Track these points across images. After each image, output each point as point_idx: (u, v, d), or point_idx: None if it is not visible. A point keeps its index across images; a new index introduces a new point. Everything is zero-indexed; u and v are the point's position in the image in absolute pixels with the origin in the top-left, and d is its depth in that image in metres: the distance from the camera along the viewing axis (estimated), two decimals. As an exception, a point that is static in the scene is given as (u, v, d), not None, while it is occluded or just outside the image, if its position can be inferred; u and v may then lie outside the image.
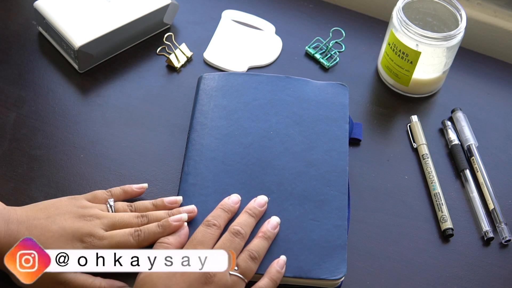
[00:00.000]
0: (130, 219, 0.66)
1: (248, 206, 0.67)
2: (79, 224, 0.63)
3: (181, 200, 0.68)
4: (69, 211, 0.64)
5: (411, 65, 0.80)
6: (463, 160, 0.78)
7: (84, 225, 0.63)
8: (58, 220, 0.63)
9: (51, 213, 0.64)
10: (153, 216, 0.66)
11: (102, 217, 0.65)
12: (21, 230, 0.62)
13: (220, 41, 0.87)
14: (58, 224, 0.63)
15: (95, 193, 0.68)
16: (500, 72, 0.89)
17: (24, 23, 0.86)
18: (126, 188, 0.69)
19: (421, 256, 0.70)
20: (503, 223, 0.72)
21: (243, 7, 0.91)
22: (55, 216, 0.64)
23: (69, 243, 0.62)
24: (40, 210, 0.64)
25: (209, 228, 0.64)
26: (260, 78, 0.78)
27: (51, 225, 0.63)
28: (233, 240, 0.63)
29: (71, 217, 0.64)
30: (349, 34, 0.90)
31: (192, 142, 0.72)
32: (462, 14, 0.80)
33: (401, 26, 0.79)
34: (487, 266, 0.70)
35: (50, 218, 0.63)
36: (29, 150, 0.74)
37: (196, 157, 0.71)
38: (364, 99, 0.84)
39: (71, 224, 0.63)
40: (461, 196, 0.76)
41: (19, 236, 0.61)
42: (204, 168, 0.70)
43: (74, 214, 0.64)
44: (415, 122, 0.81)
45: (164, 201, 0.68)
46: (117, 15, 0.82)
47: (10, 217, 0.63)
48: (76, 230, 0.63)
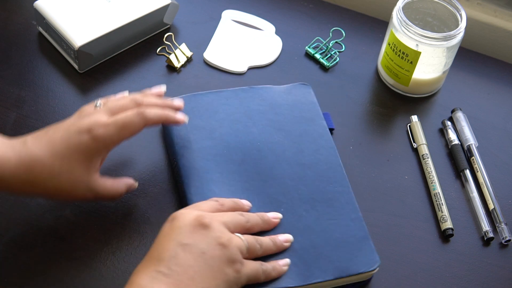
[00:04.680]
0: (127, 103, 0.66)
1: (260, 213, 0.67)
2: (81, 120, 0.64)
3: (165, 90, 0.71)
4: (70, 120, 0.66)
5: (411, 65, 0.80)
6: (463, 160, 0.78)
7: (85, 119, 0.64)
8: (62, 128, 0.64)
9: (52, 127, 0.65)
10: (147, 101, 0.67)
11: (100, 110, 0.65)
12: (31, 146, 0.62)
13: (220, 41, 0.87)
14: (61, 130, 0.63)
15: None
16: (500, 72, 0.89)
17: (24, 23, 0.86)
18: (145, 92, 0.70)
19: (421, 256, 0.70)
20: (503, 223, 0.72)
21: (243, 7, 0.91)
22: (57, 127, 0.64)
23: (76, 137, 0.62)
24: (40, 131, 0.65)
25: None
26: (226, 94, 0.78)
27: (56, 133, 0.63)
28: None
29: (73, 120, 0.65)
30: (349, 34, 0.90)
31: (184, 169, 0.70)
32: (462, 14, 0.80)
33: (401, 26, 0.79)
34: (487, 266, 0.70)
35: (51, 129, 0.64)
36: (29, 150, 0.74)
37: (196, 182, 0.69)
38: (364, 99, 0.84)
39: (73, 122, 0.64)
40: (461, 196, 0.76)
41: (33, 151, 0.61)
42: (209, 192, 0.68)
43: (75, 118, 0.65)
44: (415, 122, 0.81)
45: (150, 92, 0.70)
46: (117, 15, 0.82)
47: (14, 145, 0.63)
48: (80, 124, 0.63)
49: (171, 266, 0.57)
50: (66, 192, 0.63)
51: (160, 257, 0.57)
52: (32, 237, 0.68)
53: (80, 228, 0.69)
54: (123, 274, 0.66)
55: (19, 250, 0.67)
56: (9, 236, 0.68)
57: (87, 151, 0.63)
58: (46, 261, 0.66)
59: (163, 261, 0.57)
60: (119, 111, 0.65)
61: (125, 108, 0.66)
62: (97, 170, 0.65)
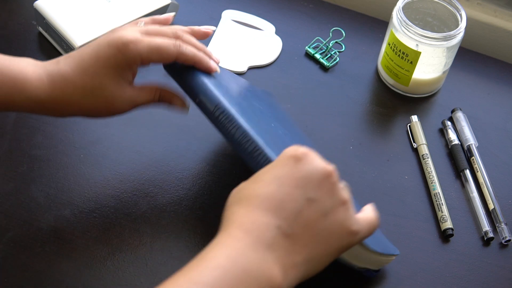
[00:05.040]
0: (167, 31, 0.64)
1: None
2: (113, 33, 0.62)
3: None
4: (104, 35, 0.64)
5: (411, 65, 0.80)
6: (463, 160, 0.78)
7: (118, 33, 0.61)
8: (93, 43, 0.62)
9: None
10: (187, 37, 0.65)
11: (138, 28, 0.63)
12: (62, 65, 0.61)
13: (220, 41, 0.87)
14: (92, 45, 0.62)
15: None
16: (500, 72, 0.89)
17: (24, 23, 0.86)
18: (193, 28, 0.67)
19: (421, 256, 0.70)
20: (503, 223, 0.72)
21: (243, 7, 0.91)
22: (90, 43, 0.63)
23: (105, 50, 0.61)
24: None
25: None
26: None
27: (87, 48, 0.62)
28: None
29: (107, 34, 0.63)
30: (349, 34, 0.90)
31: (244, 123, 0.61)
32: (462, 14, 0.80)
33: (401, 26, 0.78)
34: (487, 266, 0.70)
35: (85, 46, 0.63)
36: (29, 150, 0.74)
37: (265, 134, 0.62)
38: (364, 99, 0.84)
39: (106, 35, 0.62)
40: (461, 196, 0.76)
41: (64, 70, 0.61)
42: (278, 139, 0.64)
43: (109, 33, 0.63)
44: (415, 122, 0.81)
45: (198, 28, 0.67)
46: (117, 15, 0.82)
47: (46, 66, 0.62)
48: (111, 37, 0.61)
49: (294, 224, 0.48)
50: (103, 108, 0.63)
51: (281, 206, 0.48)
52: (32, 237, 0.68)
53: (80, 228, 0.69)
54: (123, 274, 0.66)
55: (18, 250, 0.67)
56: (8, 236, 0.68)
57: (115, 65, 0.61)
58: (46, 261, 0.66)
59: (285, 214, 0.48)
60: (157, 35, 0.63)
61: (163, 34, 0.63)
62: (130, 83, 0.63)
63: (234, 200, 0.51)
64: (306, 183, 0.49)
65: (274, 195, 0.49)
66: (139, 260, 0.67)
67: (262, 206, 0.48)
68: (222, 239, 0.48)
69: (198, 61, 0.64)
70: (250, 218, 0.48)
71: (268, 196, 0.49)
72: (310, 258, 0.49)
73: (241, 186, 0.52)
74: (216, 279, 0.45)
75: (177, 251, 0.68)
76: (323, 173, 0.50)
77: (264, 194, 0.49)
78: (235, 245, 0.47)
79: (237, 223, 0.48)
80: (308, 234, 0.49)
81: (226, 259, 0.46)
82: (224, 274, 0.45)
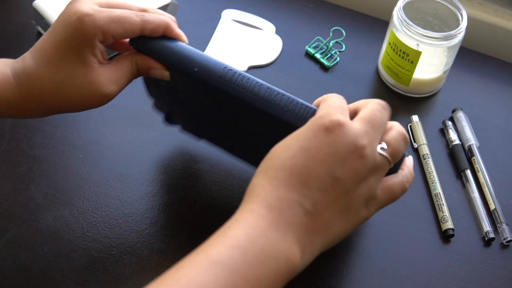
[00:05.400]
0: (130, 6, 0.59)
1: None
2: (66, 10, 0.57)
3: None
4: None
5: (411, 65, 0.80)
6: (464, 160, 0.77)
7: (71, 8, 0.56)
8: (51, 27, 0.57)
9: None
10: (153, 11, 0.59)
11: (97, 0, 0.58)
12: (27, 60, 0.57)
13: (220, 41, 0.87)
14: (50, 30, 0.57)
15: None
16: (501, 72, 0.89)
17: (23, 23, 0.86)
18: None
19: (421, 257, 0.70)
20: (504, 224, 0.72)
21: (243, 6, 0.91)
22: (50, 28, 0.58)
23: (62, 33, 0.56)
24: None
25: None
26: None
27: (46, 35, 0.57)
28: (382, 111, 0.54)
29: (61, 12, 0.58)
30: (350, 33, 0.89)
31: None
32: (463, 13, 0.79)
33: (402, 26, 0.78)
34: (488, 267, 0.70)
35: (44, 35, 0.58)
36: (28, 150, 0.74)
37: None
38: (364, 98, 0.84)
39: (61, 14, 0.57)
40: (462, 196, 0.76)
41: (29, 66, 0.56)
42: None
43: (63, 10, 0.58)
44: (415, 122, 0.80)
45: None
46: (117, 15, 0.81)
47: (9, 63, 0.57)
48: (64, 16, 0.56)
49: (316, 203, 0.48)
50: (83, 96, 0.57)
51: (306, 183, 0.48)
52: (31, 237, 0.67)
53: (79, 229, 0.68)
54: (122, 274, 0.66)
55: (17, 250, 0.66)
56: (7, 237, 0.67)
57: (77, 46, 0.55)
58: (45, 262, 0.66)
59: (309, 191, 0.48)
60: (118, 7, 0.58)
61: (124, 7, 0.58)
62: (101, 62, 0.58)
63: (263, 168, 0.50)
64: (334, 159, 0.48)
65: (300, 170, 0.48)
66: (139, 260, 0.67)
67: (287, 180, 0.48)
68: (245, 214, 0.47)
69: (168, 27, 0.59)
70: (274, 193, 0.48)
71: (294, 170, 0.48)
72: (328, 234, 0.49)
73: (274, 150, 0.50)
74: (235, 260, 0.44)
75: (177, 252, 0.68)
76: (353, 149, 0.49)
77: (290, 167, 0.48)
78: (257, 223, 0.46)
79: (261, 198, 0.48)
80: (329, 212, 0.49)
81: (246, 239, 0.45)
82: (244, 254, 0.45)
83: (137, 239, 0.68)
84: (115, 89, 0.58)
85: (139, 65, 0.60)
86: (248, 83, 0.56)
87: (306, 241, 0.48)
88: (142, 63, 0.59)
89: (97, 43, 0.56)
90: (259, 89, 0.56)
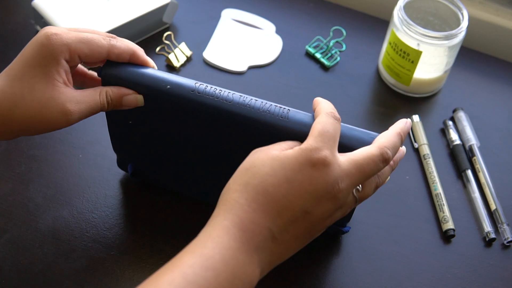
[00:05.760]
0: (97, 31, 0.59)
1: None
2: (41, 30, 0.57)
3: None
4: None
5: (412, 65, 0.80)
6: (464, 160, 0.77)
7: (45, 29, 0.57)
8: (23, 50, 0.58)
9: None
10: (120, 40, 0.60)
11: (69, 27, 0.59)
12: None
13: (220, 41, 0.87)
14: (23, 50, 0.57)
15: None
16: (502, 72, 0.89)
17: (22, 22, 0.85)
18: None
19: (422, 257, 0.70)
20: (505, 224, 0.72)
21: (243, 6, 0.91)
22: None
23: (30, 49, 0.57)
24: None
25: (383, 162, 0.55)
26: None
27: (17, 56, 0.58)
28: (379, 166, 0.55)
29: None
30: (350, 33, 0.89)
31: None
32: (463, 13, 0.79)
33: (402, 25, 0.78)
34: (489, 267, 0.70)
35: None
36: (27, 150, 0.74)
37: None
38: (365, 98, 0.84)
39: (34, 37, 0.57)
40: (462, 196, 0.75)
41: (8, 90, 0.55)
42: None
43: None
44: (416, 122, 0.80)
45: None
46: (116, 14, 0.81)
47: None
48: (36, 37, 0.57)
49: (284, 232, 0.51)
50: (36, 115, 0.56)
51: (281, 213, 0.50)
52: (30, 237, 0.67)
53: (78, 229, 0.68)
54: (122, 275, 0.65)
55: (17, 251, 0.66)
56: (7, 237, 0.67)
57: (42, 62, 0.56)
58: (44, 262, 0.66)
59: (281, 221, 0.50)
60: (87, 32, 0.59)
61: (94, 32, 0.59)
62: (66, 82, 0.57)
63: (244, 181, 0.51)
64: (310, 197, 0.51)
65: (279, 200, 0.50)
66: (138, 261, 0.67)
67: (264, 206, 0.50)
68: (220, 232, 0.49)
69: (134, 54, 0.59)
70: (250, 216, 0.50)
71: (274, 198, 0.50)
72: (284, 256, 0.52)
73: (257, 165, 0.52)
74: (209, 281, 0.47)
75: (176, 252, 0.68)
76: (329, 190, 0.51)
77: (272, 194, 0.50)
78: (231, 244, 0.49)
79: (238, 218, 0.50)
80: (293, 239, 0.52)
81: (220, 260, 0.48)
82: (217, 276, 0.47)
83: (136, 239, 0.68)
84: (75, 110, 0.57)
85: (111, 96, 0.59)
86: (221, 93, 0.58)
87: (267, 264, 0.51)
88: (114, 93, 0.59)
89: (63, 62, 0.57)
90: (233, 97, 0.58)
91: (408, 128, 0.58)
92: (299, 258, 0.68)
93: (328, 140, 0.53)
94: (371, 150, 0.54)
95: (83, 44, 0.57)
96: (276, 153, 0.52)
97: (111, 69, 0.59)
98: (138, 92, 0.59)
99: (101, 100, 0.59)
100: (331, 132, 0.53)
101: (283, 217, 0.51)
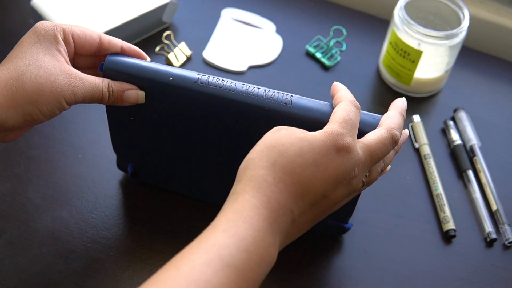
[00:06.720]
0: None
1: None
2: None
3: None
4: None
5: (413, 64, 0.80)
6: (465, 160, 0.77)
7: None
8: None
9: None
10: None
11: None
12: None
13: (220, 40, 0.87)
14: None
15: None
16: (503, 71, 0.88)
17: (21, 22, 0.85)
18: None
19: (423, 257, 0.70)
20: (506, 224, 0.72)
21: (243, 5, 0.91)
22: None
23: (27, 36, 0.57)
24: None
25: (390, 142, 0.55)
26: None
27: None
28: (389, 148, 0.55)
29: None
30: (350, 33, 0.89)
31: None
32: (464, 12, 0.79)
33: (403, 25, 0.78)
34: (490, 268, 0.70)
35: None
36: (26, 150, 0.74)
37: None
38: (366, 98, 0.83)
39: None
40: (463, 196, 0.75)
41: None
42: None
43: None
44: (417, 122, 0.80)
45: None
46: (116, 14, 0.81)
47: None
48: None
49: (303, 214, 0.51)
50: (48, 84, 0.55)
51: (303, 195, 0.50)
52: (29, 238, 0.67)
53: (77, 229, 0.68)
54: (121, 275, 0.65)
55: (16, 251, 0.66)
56: (5, 237, 0.67)
57: (40, 38, 0.57)
58: (44, 263, 0.65)
59: (302, 203, 0.50)
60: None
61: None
62: (67, 60, 0.58)
63: (271, 158, 0.51)
64: (331, 182, 0.51)
65: (305, 182, 0.50)
66: (138, 261, 0.66)
67: (290, 188, 0.50)
68: (250, 211, 0.49)
69: (125, 44, 0.61)
70: (277, 196, 0.50)
71: (301, 181, 0.50)
72: (297, 236, 0.53)
73: (285, 143, 0.51)
74: (244, 263, 0.47)
75: (176, 252, 0.67)
76: (347, 176, 0.52)
77: (299, 176, 0.50)
78: (261, 225, 0.49)
79: (266, 198, 0.49)
80: (308, 221, 0.52)
81: (252, 242, 0.48)
82: (249, 259, 0.47)
83: (136, 239, 0.68)
84: (80, 85, 0.57)
85: (113, 88, 0.59)
86: (224, 82, 0.58)
87: (283, 244, 0.51)
88: (116, 86, 0.59)
89: (60, 40, 0.58)
90: (236, 86, 0.58)
91: (406, 106, 0.59)
92: (299, 258, 0.68)
93: (351, 127, 0.53)
94: (382, 133, 0.54)
95: (75, 27, 0.59)
96: (303, 134, 0.52)
97: (113, 64, 0.59)
98: (141, 85, 0.59)
99: (103, 88, 0.59)
100: (354, 120, 0.54)
101: (305, 200, 0.51)
